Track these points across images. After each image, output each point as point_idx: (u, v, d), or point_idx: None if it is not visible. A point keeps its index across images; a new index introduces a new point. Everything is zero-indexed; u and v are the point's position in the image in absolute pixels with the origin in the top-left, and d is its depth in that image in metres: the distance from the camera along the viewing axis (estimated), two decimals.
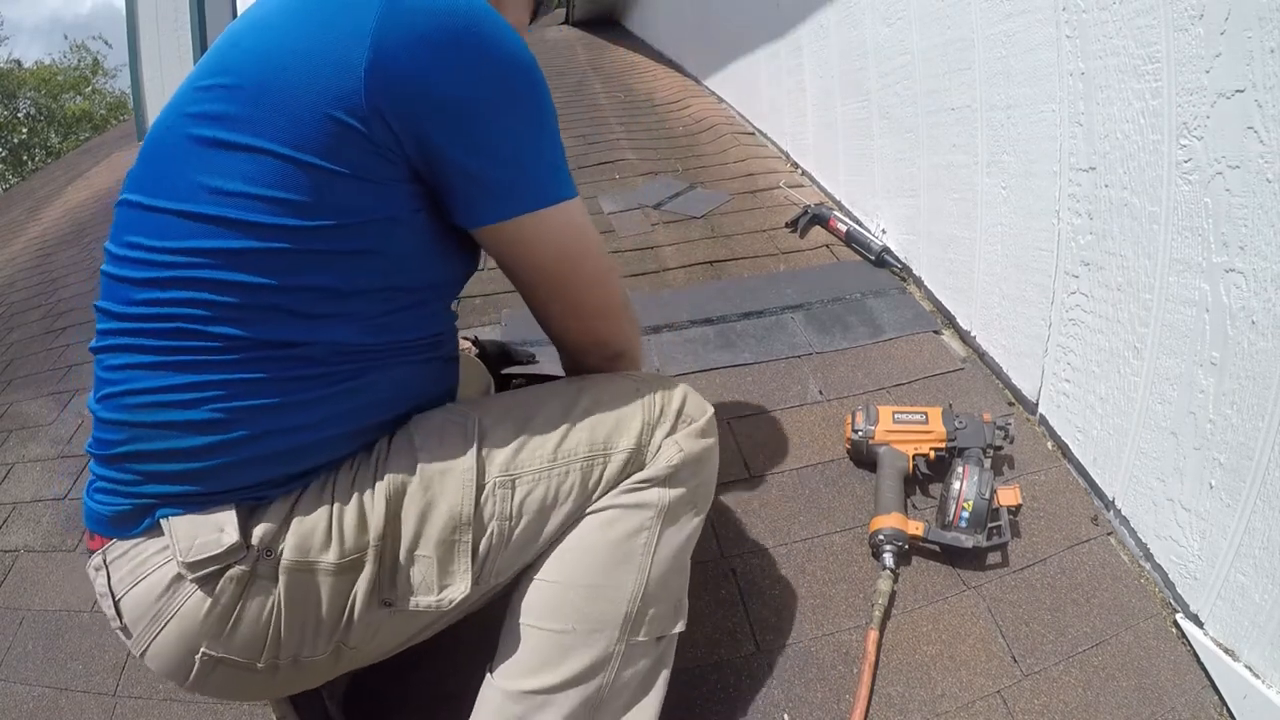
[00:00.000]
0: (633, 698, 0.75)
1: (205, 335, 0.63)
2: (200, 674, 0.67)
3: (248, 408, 0.64)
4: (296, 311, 0.65)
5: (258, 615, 0.65)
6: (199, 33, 4.66)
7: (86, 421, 1.77)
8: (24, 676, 1.12)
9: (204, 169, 0.62)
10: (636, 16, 5.46)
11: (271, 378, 0.65)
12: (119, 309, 0.67)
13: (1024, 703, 0.92)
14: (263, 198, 0.61)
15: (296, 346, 0.65)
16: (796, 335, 1.59)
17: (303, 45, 0.61)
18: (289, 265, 0.63)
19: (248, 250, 0.62)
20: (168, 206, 0.63)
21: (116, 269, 0.67)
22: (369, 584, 0.67)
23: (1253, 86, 0.77)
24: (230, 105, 0.62)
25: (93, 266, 2.89)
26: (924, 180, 1.61)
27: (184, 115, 0.65)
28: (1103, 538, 1.12)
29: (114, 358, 0.67)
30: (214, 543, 0.63)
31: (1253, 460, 0.84)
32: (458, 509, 0.68)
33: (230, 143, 0.61)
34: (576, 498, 0.72)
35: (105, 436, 0.67)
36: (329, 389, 0.67)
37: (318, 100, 0.60)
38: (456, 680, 0.96)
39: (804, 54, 2.26)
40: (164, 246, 0.63)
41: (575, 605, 0.72)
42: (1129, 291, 1.03)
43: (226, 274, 0.62)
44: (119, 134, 6.54)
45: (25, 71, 16.27)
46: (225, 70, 0.63)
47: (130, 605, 0.66)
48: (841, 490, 1.23)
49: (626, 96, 3.63)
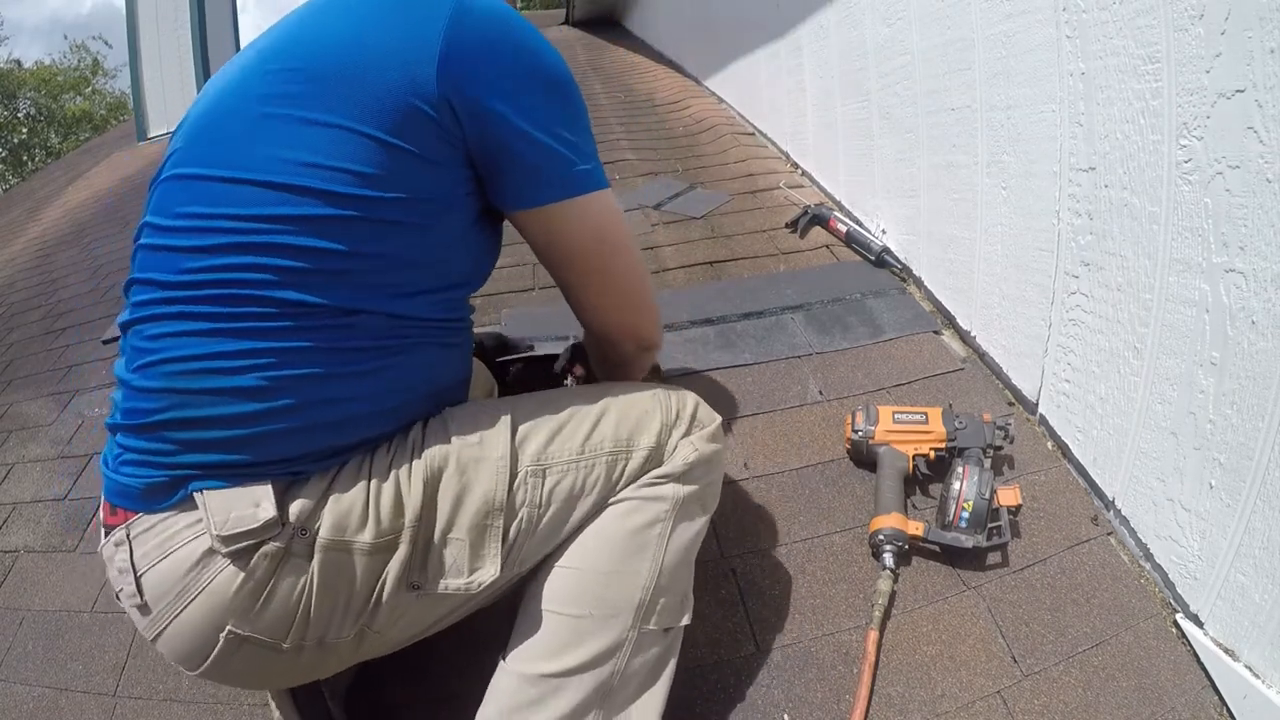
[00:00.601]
0: (642, 686, 0.77)
1: (264, 301, 0.65)
2: (221, 655, 0.66)
3: (295, 376, 0.66)
4: (361, 279, 0.68)
5: (289, 593, 0.66)
6: (199, 33, 4.66)
7: (86, 421, 1.77)
8: (24, 676, 1.12)
9: (281, 143, 0.66)
10: (636, 16, 5.46)
11: (322, 347, 0.67)
12: (167, 278, 0.68)
13: (1024, 703, 0.92)
14: (340, 169, 0.65)
15: (354, 315, 0.68)
16: (796, 335, 1.59)
17: (378, 32, 0.67)
18: (360, 233, 0.67)
19: (325, 217, 0.66)
20: (243, 177, 0.66)
21: (165, 239, 0.69)
22: (401, 565, 0.69)
23: (1253, 86, 0.77)
24: (306, 86, 0.66)
25: (93, 266, 2.89)
26: (924, 180, 1.61)
27: (254, 96, 0.68)
28: (1103, 538, 1.12)
29: (156, 326, 0.68)
30: (250, 517, 0.64)
31: (1253, 460, 0.84)
32: (492, 494, 0.72)
33: (309, 119, 0.66)
34: (601, 489, 0.77)
35: (141, 405, 0.67)
36: (373, 363, 0.70)
37: (393, 84, 0.65)
38: (459, 680, 0.96)
39: (804, 54, 2.26)
40: (235, 214, 0.66)
41: (593, 590, 0.75)
42: (1129, 291, 1.03)
43: (303, 239, 0.65)
44: (119, 134, 6.53)
45: (25, 72, 16.27)
46: (296, 55, 0.69)
47: (154, 580, 0.65)
48: (841, 490, 1.23)
49: (626, 97, 3.64)
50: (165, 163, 0.73)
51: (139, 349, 0.68)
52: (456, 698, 0.94)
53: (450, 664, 0.98)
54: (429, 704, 0.96)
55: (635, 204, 2.27)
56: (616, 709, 0.75)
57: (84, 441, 1.69)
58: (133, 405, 0.68)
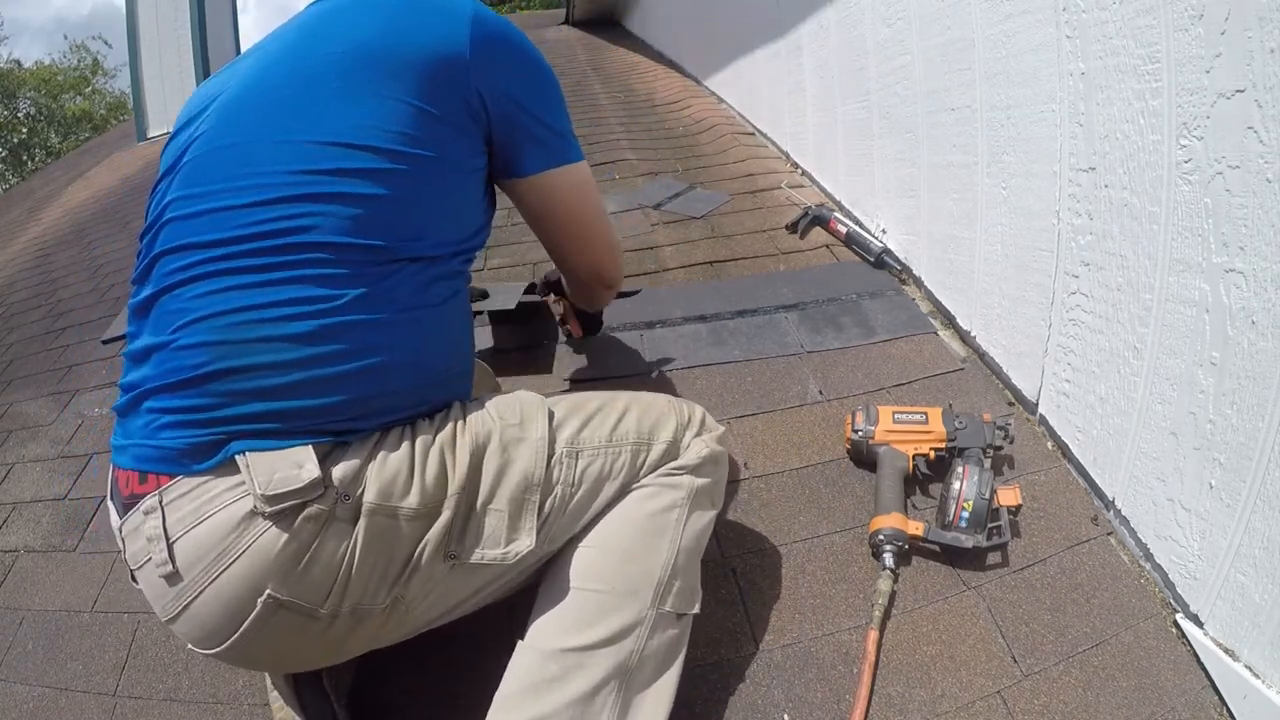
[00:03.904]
0: (657, 670, 0.80)
1: (318, 247, 0.71)
2: (255, 623, 0.67)
3: (345, 323, 0.71)
4: (405, 227, 0.77)
5: (331, 557, 0.67)
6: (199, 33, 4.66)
7: (86, 421, 1.77)
8: (24, 676, 1.12)
9: (336, 111, 0.75)
10: (636, 16, 5.46)
11: (370, 294, 0.73)
12: (212, 237, 0.71)
13: (1024, 703, 0.92)
14: (393, 131, 0.75)
15: (398, 262, 0.76)
16: (789, 335, 1.59)
17: (413, 28, 0.79)
18: (405, 185, 0.76)
19: (378, 170, 0.74)
20: (300, 138, 0.74)
21: (205, 204, 0.73)
22: (441, 532, 0.71)
23: (1253, 86, 0.77)
24: (358, 67, 0.76)
25: (93, 266, 2.89)
26: (924, 180, 1.61)
27: (304, 76, 0.77)
28: (1103, 538, 1.12)
29: (198, 286, 0.71)
30: (294, 478, 0.65)
31: (1253, 460, 0.84)
32: (531, 470, 0.77)
33: (366, 91, 0.76)
34: (625, 475, 0.83)
35: (184, 362, 0.68)
36: (413, 313, 0.77)
37: (434, 68, 0.78)
38: (464, 680, 0.96)
39: (804, 54, 2.26)
40: (290, 170, 0.72)
41: (615, 567, 0.79)
42: (1129, 292, 1.03)
43: (359, 187, 0.73)
44: (119, 134, 6.53)
45: (25, 71, 16.26)
46: (341, 41, 0.78)
47: (189, 545, 0.65)
48: (841, 490, 1.23)
49: (626, 97, 3.64)
50: (191, 145, 0.78)
51: (178, 310, 0.71)
52: (463, 696, 0.94)
53: (453, 663, 0.98)
54: (435, 704, 0.96)
55: (635, 204, 2.27)
56: (634, 691, 0.77)
57: (84, 441, 1.69)
58: (174, 364, 0.69)
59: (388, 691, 0.97)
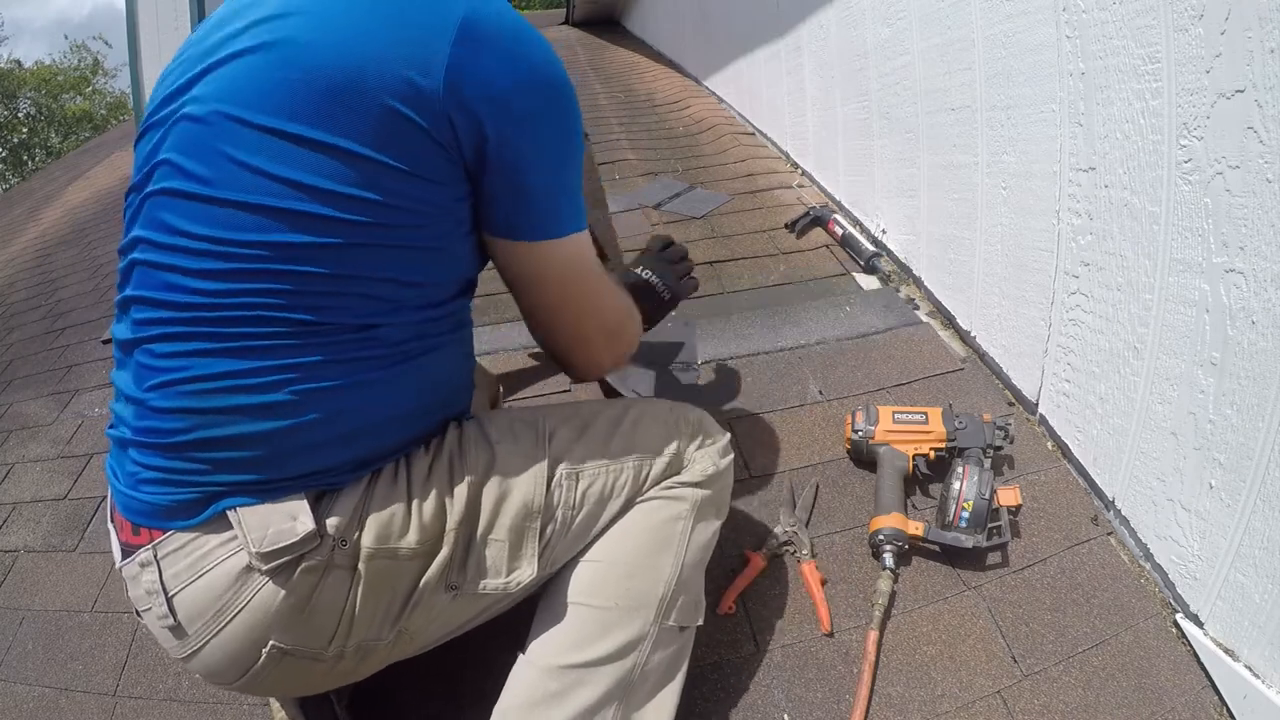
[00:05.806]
0: (658, 684, 0.79)
1: (283, 322, 0.63)
2: (263, 668, 0.66)
3: (321, 389, 0.65)
4: (376, 298, 0.67)
5: (332, 604, 0.66)
6: None
7: (86, 421, 1.77)
8: (24, 676, 1.12)
9: (270, 161, 0.61)
10: (636, 16, 5.46)
11: (344, 359, 0.66)
12: (176, 298, 0.64)
13: (1024, 703, 0.92)
14: (336, 194, 0.62)
15: (372, 329, 0.68)
16: (790, 335, 1.59)
17: (377, 41, 0.61)
18: (369, 258, 0.65)
19: (333, 245, 0.63)
20: (230, 198, 0.62)
21: (166, 258, 0.64)
22: (441, 567, 0.70)
23: (1253, 86, 0.77)
24: (298, 98, 0.61)
25: (93, 266, 2.89)
26: (924, 180, 1.61)
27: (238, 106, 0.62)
28: (1103, 538, 1.12)
29: (168, 345, 0.65)
30: (288, 531, 0.63)
31: (1252, 460, 0.84)
32: (530, 496, 0.74)
33: (299, 136, 0.61)
34: (628, 492, 0.80)
35: (161, 425, 0.65)
36: (393, 369, 0.70)
37: (391, 99, 0.61)
38: (464, 681, 0.96)
39: (804, 54, 2.26)
40: (233, 239, 0.62)
41: (618, 582, 0.77)
42: (1129, 292, 1.03)
43: (314, 266, 0.63)
44: (119, 134, 6.53)
45: (25, 71, 16.26)
46: (291, 63, 0.62)
47: (188, 600, 0.64)
48: (841, 490, 1.22)
49: (626, 97, 3.64)
50: (154, 174, 0.67)
51: (150, 367, 0.66)
52: (462, 696, 0.94)
53: (455, 664, 0.98)
54: (437, 707, 0.96)
55: (635, 204, 2.27)
56: (634, 706, 0.76)
57: (84, 441, 1.69)
58: (151, 424, 0.65)
59: (391, 695, 0.97)
